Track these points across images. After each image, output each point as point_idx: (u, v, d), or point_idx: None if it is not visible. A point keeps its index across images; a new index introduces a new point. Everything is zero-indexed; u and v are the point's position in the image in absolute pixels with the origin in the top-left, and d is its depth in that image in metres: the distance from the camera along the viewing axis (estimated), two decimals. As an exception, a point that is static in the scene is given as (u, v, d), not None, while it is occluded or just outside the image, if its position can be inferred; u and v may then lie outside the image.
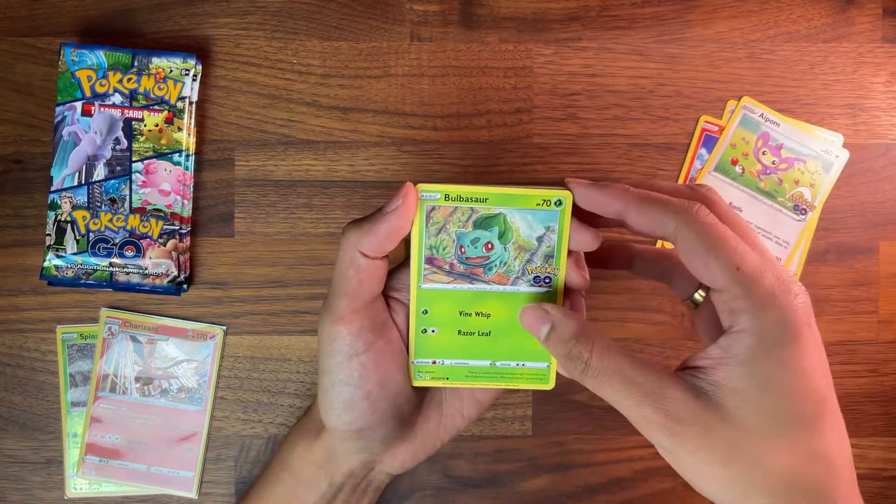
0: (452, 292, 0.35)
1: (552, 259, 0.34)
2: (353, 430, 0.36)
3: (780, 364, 0.29)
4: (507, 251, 0.34)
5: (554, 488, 0.48)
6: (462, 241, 0.34)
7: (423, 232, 0.34)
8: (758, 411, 0.29)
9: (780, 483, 0.29)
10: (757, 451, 0.29)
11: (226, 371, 0.48)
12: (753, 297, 0.29)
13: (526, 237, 0.34)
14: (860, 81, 0.48)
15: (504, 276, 0.35)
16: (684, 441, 0.29)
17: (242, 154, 0.48)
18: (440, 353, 0.36)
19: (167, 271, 0.46)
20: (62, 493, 0.47)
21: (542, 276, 0.34)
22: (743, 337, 0.29)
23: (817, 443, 0.29)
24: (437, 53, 0.48)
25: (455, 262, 0.34)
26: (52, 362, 0.47)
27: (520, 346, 0.36)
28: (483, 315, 0.36)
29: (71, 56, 0.45)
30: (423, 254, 0.34)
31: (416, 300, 0.35)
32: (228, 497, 0.48)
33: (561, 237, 0.34)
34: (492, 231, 0.34)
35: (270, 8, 0.48)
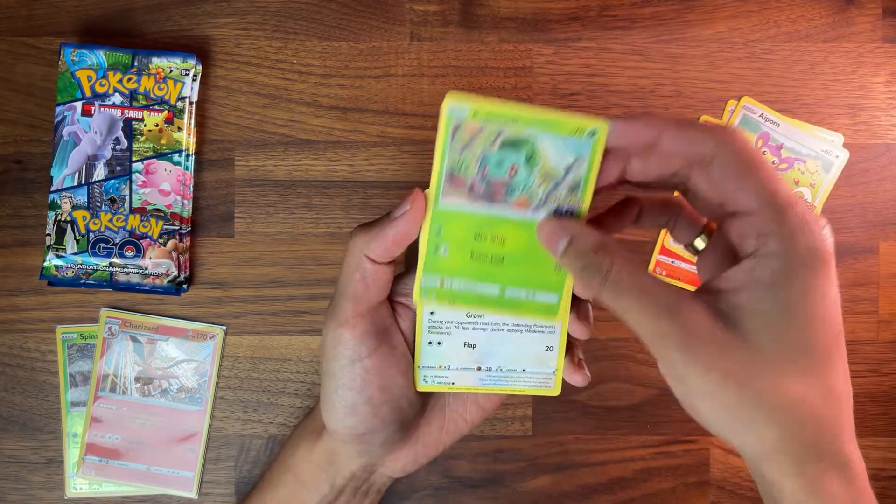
0: (470, 214, 0.33)
1: (577, 191, 0.32)
2: (355, 434, 0.36)
3: (805, 290, 0.28)
4: (532, 177, 0.32)
5: (554, 488, 0.48)
6: (486, 162, 0.31)
7: (447, 147, 0.31)
8: (778, 336, 0.28)
9: (791, 412, 0.28)
10: (772, 376, 0.28)
11: (226, 371, 0.48)
12: (786, 222, 0.28)
13: (553, 164, 0.31)
14: (860, 81, 0.48)
15: (526, 201, 0.32)
16: (698, 359, 0.28)
17: (242, 154, 0.48)
18: (450, 272, 0.34)
19: (167, 271, 0.46)
20: (62, 493, 0.47)
21: (565, 208, 0.32)
22: (770, 260, 0.29)
23: (831, 377, 0.29)
24: (437, 53, 0.48)
25: (477, 183, 0.32)
26: (52, 362, 0.47)
27: (532, 276, 0.34)
28: (498, 240, 0.33)
29: (71, 56, 0.45)
30: (444, 171, 0.32)
31: (431, 219, 0.33)
32: (228, 497, 0.48)
33: (590, 170, 0.32)
34: (519, 154, 0.31)
35: (270, 8, 0.48)
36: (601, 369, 0.48)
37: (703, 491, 0.48)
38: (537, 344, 0.36)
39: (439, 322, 0.35)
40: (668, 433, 0.48)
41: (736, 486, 0.48)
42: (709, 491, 0.48)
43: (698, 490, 0.48)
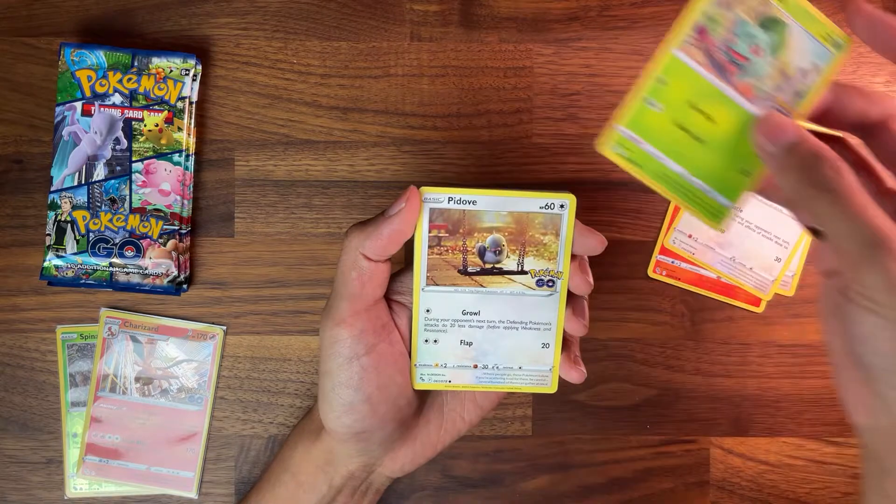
0: (696, 76, 0.31)
1: (799, 99, 0.30)
2: (353, 433, 0.36)
3: None
4: (768, 66, 0.30)
5: (554, 488, 0.48)
6: (737, 31, 0.30)
7: None
8: None
9: None
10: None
11: (226, 371, 0.48)
12: None
13: (793, 62, 0.30)
14: (860, 81, 0.48)
15: (750, 88, 0.30)
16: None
17: (242, 154, 0.48)
18: (649, 133, 0.31)
19: (167, 271, 0.46)
20: (62, 493, 0.47)
21: (781, 111, 0.30)
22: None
23: None
24: (437, 53, 0.48)
25: (718, 48, 0.30)
26: (52, 362, 0.47)
27: (719, 173, 0.31)
28: (709, 118, 0.31)
29: (71, 56, 0.45)
30: (698, 17, 0.30)
31: (660, 65, 0.30)
32: (228, 497, 0.48)
33: (821, 82, 0.30)
34: (769, 36, 0.30)
35: (270, 8, 0.48)
36: (601, 369, 0.48)
37: (703, 491, 0.48)
38: (533, 341, 0.36)
39: (435, 320, 0.36)
40: (668, 433, 0.48)
41: (736, 486, 0.48)
42: (709, 491, 0.48)
43: (698, 490, 0.48)
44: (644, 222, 0.48)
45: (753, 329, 0.48)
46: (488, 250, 0.34)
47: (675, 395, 0.48)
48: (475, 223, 0.34)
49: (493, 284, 0.35)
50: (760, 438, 0.48)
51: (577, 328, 0.36)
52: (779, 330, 0.49)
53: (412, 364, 0.37)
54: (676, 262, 0.48)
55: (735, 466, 0.48)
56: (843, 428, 0.49)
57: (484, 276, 0.35)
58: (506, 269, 0.35)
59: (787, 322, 0.49)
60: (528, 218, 0.34)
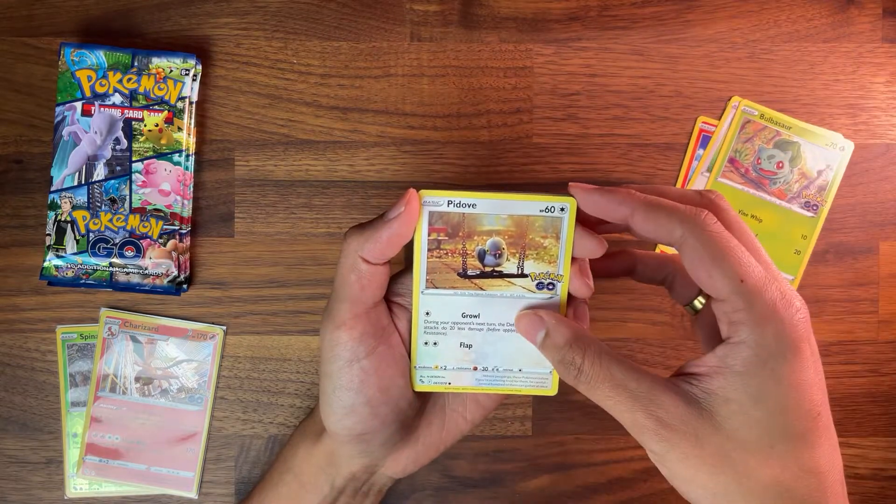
0: (740, 191, 0.45)
1: (823, 192, 0.42)
2: (354, 435, 0.36)
3: (775, 378, 0.29)
4: (792, 173, 0.41)
5: (554, 488, 0.48)
6: (760, 155, 0.41)
7: (735, 138, 0.42)
8: (750, 423, 0.29)
9: (769, 495, 0.29)
10: (746, 461, 0.29)
11: (226, 371, 0.48)
12: (754, 311, 0.29)
13: (809, 167, 0.39)
14: (860, 81, 0.48)
15: (783, 192, 0.41)
16: (674, 447, 0.29)
17: (242, 154, 0.48)
18: None
19: (167, 271, 0.46)
20: (62, 493, 0.47)
21: (812, 203, 0.43)
22: (741, 348, 0.29)
23: (809, 457, 0.29)
24: (437, 53, 0.48)
25: (750, 169, 0.41)
26: (52, 362, 0.47)
27: (776, 255, 0.41)
28: (757, 218, 0.45)
29: (71, 56, 0.45)
30: (726, 158, 0.42)
31: None
32: (228, 497, 0.48)
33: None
34: (786, 154, 0.40)
35: (270, 8, 0.48)
36: (601, 369, 0.48)
37: (703, 491, 0.48)
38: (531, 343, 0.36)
39: (435, 323, 0.35)
40: (668, 433, 0.48)
41: (736, 486, 0.48)
42: (709, 491, 0.48)
43: (698, 490, 0.48)
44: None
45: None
46: (488, 253, 0.34)
47: (675, 395, 0.48)
48: (475, 226, 0.34)
49: (492, 287, 0.35)
50: (760, 438, 0.48)
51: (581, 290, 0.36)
52: (779, 330, 0.49)
53: (412, 366, 0.36)
54: (676, 263, 0.48)
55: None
56: (842, 428, 0.49)
57: (484, 279, 0.35)
58: (506, 273, 0.34)
59: (787, 322, 0.49)
60: (528, 221, 0.34)
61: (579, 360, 0.31)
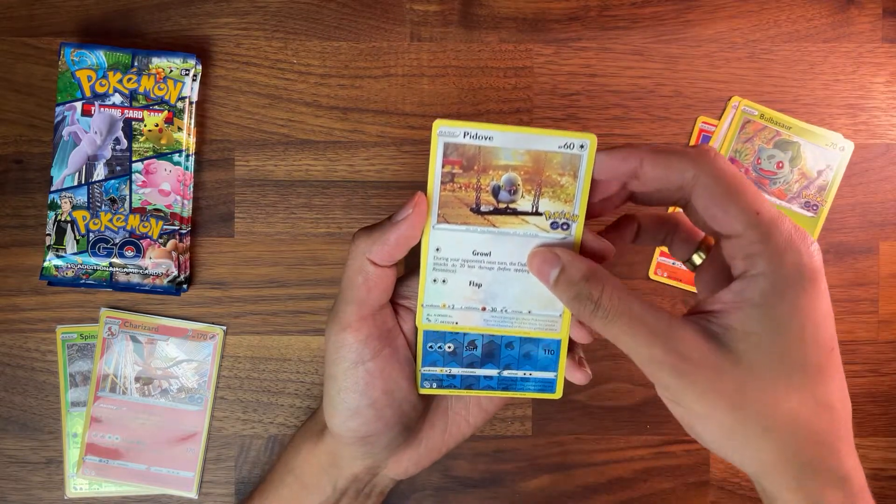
0: None
1: (824, 192, 0.41)
2: (357, 437, 0.36)
3: (794, 308, 0.29)
4: (792, 173, 0.39)
5: (554, 488, 0.48)
6: (760, 155, 0.39)
7: (736, 136, 0.40)
8: (769, 355, 0.29)
9: (786, 429, 0.29)
10: (765, 395, 0.28)
11: (226, 371, 0.48)
12: (772, 242, 0.29)
13: (809, 167, 0.38)
14: (860, 81, 0.48)
15: (783, 193, 0.39)
16: (692, 382, 0.29)
17: (242, 154, 0.48)
18: None
19: (167, 271, 0.46)
20: (62, 493, 0.47)
21: (812, 203, 0.40)
22: (758, 280, 0.29)
23: (823, 392, 0.29)
24: (437, 53, 0.48)
25: (750, 169, 0.39)
26: (52, 362, 0.47)
27: None
28: None
29: (71, 56, 0.45)
30: (728, 154, 0.40)
31: None
32: (228, 497, 0.48)
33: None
34: (786, 154, 0.38)
35: (270, 8, 0.48)
36: (601, 369, 0.48)
37: (703, 491, 0.48)
38: (544, 286, 0.35)
39: (444, 259, 0.34)
40: (668, 433, 0.48)
41: (736, 486, 0.48)
42: (709, 491, 0.48)
43: (698, 490, 0.48)
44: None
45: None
46: (503, 189, 0.33)
47: (675, 395, 0.48)
48: (490, 160, 0.32)
49: (505, 225, 0.33)
50: (760, 438, 0.48)
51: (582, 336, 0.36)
52: (779, 330, 0.49)
53: (417, 369, 0.36)
54: (677, 264, 0.48)
55: (735, 466, 0.48)
56: (842, 428, 0.49)
57: (497, 215, 0.33)
58: (520, 210, 0.33)
59: (787, 322, 0.49)
60: (546, 157, 0.32)
61: (597, 293, 0.30)
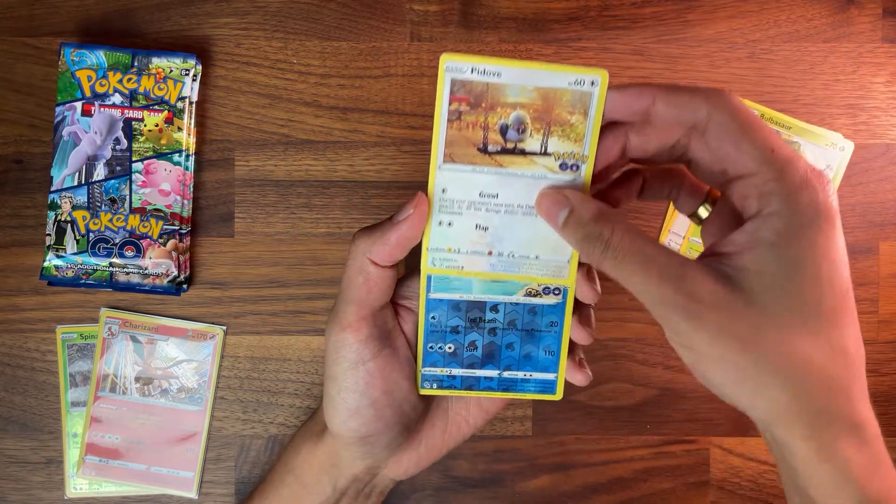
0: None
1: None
2: (358, 437, 0.36)
3: (810, 248, 0.28)
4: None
5: (554, 488, 0.48)
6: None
7: None
8: (784, 296, 0.28)
9: (800, 373, 0.28)
10: (780, 337, 0.28)
11: (226, 371, 0.48)
12: (787, 179, 0.28)
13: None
14: (860, 81, 0.48)
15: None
16: (704, 324, 0.28)
17: (242, 154, 0.48)
18: None
19: (167, 271, 0.46)
20: (62, 493, 0.47)
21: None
22: (773, 219, 0.28)
23: (838, 336, 0.28)
24: (437, 53, 0.48)
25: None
26: (52, 362, 0.47)
27: None
28: None
29: (71, 56, 0.45)
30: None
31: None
32: (228, 497, 0.48)
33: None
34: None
35: (270, 8, 0.48)
36: (601, 369, 0.48)
37: (703, 491, 0.48)
38: (552, 230, 0.33)
39: (451, 201, 0.33)
40: (668, 433, 0.48)
41: (736, 486, 0.48)
42: (709, 491, 0.48)
43: (698, 490, 0.48)
44: (644, 223, 0.48)
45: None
46: (511, 128, 0.31)
47: (675, 395, 0.48)
48: (499, 97, 0.31)
49: (513, 165, 0.32)
50: (760, 438, 0.48)
51: (583, 337, 0.36)
52: (779, 330, 0.49)
53: (417, 369, 0.36)
54: (676, 262, 0.48)
55: (735, 466, 0.48)
56: (842, 428, 0.49)
57: (504, 155, 0.32)
58: (528, 150, 0.32)
59: (787, 322, 0.49)
60: (556, 94, 0.31)
61: (607, 233, 0.29)
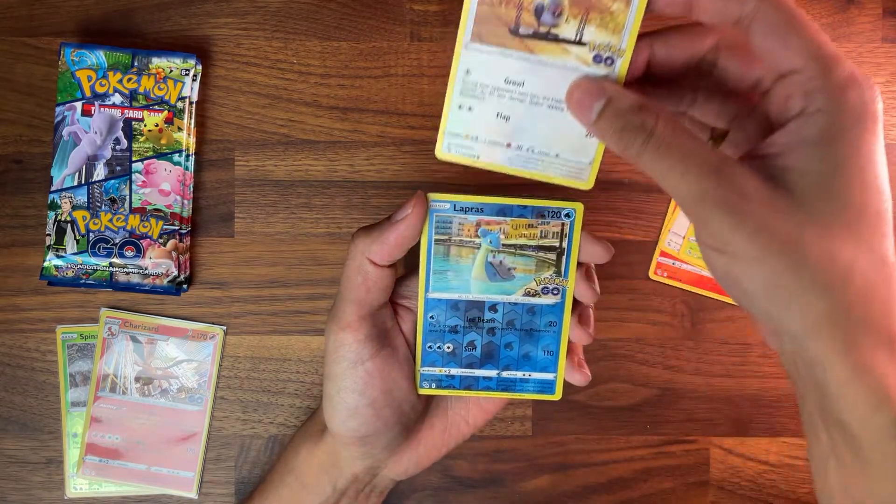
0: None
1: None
2: (357, 437, 0.36)
3: (855, 148, 0.26)
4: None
5: (554, 488, 0.48)
6: None
7: None
8: (829, 196, 0.26)
9: (840, 279, 0.26)
10: (823, 239, 0.26)
11: (226, 371, 0.48)
12: (833, 77, 0.27)
13: None
14: (860, 81, 0.48)
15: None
16: (745, 220, 0.26)
17: (242, 154, 0.48)
18: None
19: (167, 271, 0.46)
20: (62, 493, 0.47)
21: None
22: (818, 117, 0.27)
23: (882, 245, 0.27)
24: (437, 53, 0.48)
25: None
26: (52, 362, 0.47)
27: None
28: None
29: (71, 56, 0.45)
30: None
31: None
32: (228, 497, 0.48)
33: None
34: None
35: (270, 8, 0.48)
36: (601, 369, 0.48)
37: (703, 491, 0.48)
38: (577, 126, 0.31)
39: (474, 84, 0.31)
40: (668, 433, 0.48)
41: (736, 486, 0.49)
42: (709, 491, 0.48)
43: (698, 490, 0.48)
44: (644, 222, 0.48)
45: (753, 329, 0.49)
46: (546, 10, 0.29)
47: (675, 395, 0.49)
48: None
49: (544, 52, 0.30)
50: (760, 438, 0.49)
51: (582, 337, 0.36)
52: (779, 330, 0.49)
53: (416, 369, 0.36)
54: (677, 264, 0.48)
55: (735, 466, 0.48)
56: (842, 428, 0.49)
57: (536, 40, 0.30)
58: (561, 37, 0.30)
59: (787, 322, 0.49)
60: None
61: (651, 122, 0.27)
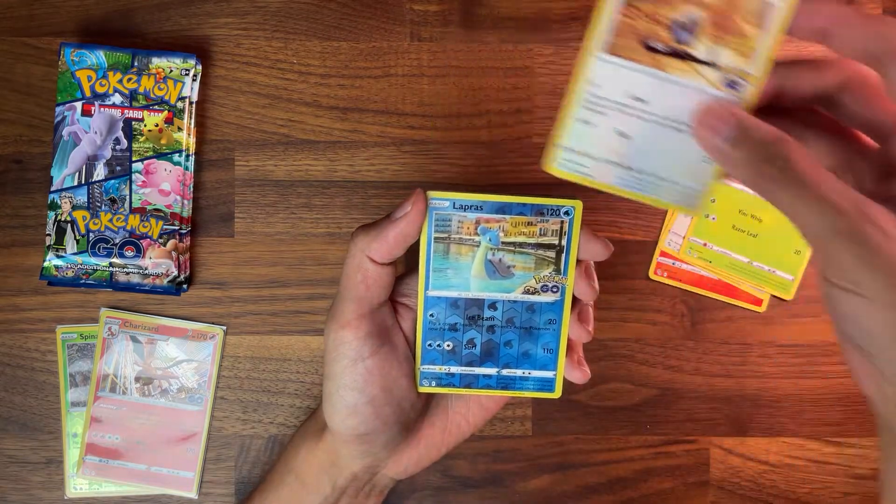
0: (740, 192, 0.42)
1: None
2: (356, 435, 0.36)
3: None
4: None
5: (554, 488, 0.48)
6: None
7: None
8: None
9: None
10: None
11: (226, 371, 0.48)
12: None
13: None
14: (860, 81, 0.48)
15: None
16: (884, 260, 0.24)
17: (242, 154, 0.48)
18: None
19: (167, 271, 0.46)
20: (62, 493, 0.47)
21: None
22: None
23: None
24: (437, 53, 0.48)
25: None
26: (52, 362, 0.47)
27: (776, 257, 0.36)
28: (756, 219, 0.41)
29: (71, 56, 0.45)
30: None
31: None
32: (228, 497, 0.48)
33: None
34: None
35: (270, 8, 0.48)
36: (601, 369, 0.48)
37: (703, 491, 0.48)
38: (696, 151, 0.29)
39: (596, 97, 0.29)
40: (668, 433, 0.48)
41: (736, 486, 0.48)
42: (709, 491, 0.48)
43: (698, 490, 0.48)
44: (644, 222, 0.48)
45: (753, 329, 0.49)
46: (685, 27, 0.28)
47: (675, 395, 0.49)
48: None
49: (674, 71, 0.29)
50: (760, 438, 0.49)
51: (581, 334, 0.36)
52: (779, 330, 0.49)
53: (416, 367, 0.36)
54: (677, 264, 0.48)
55: (735, 466, 0.48)
56: (843, 428, 0.49)
57: (667, 57, 0.29)
58: (695, 56, 0.28)
59: (787, 322, 0.49)
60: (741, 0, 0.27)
61: (786, 152, 0.26)
